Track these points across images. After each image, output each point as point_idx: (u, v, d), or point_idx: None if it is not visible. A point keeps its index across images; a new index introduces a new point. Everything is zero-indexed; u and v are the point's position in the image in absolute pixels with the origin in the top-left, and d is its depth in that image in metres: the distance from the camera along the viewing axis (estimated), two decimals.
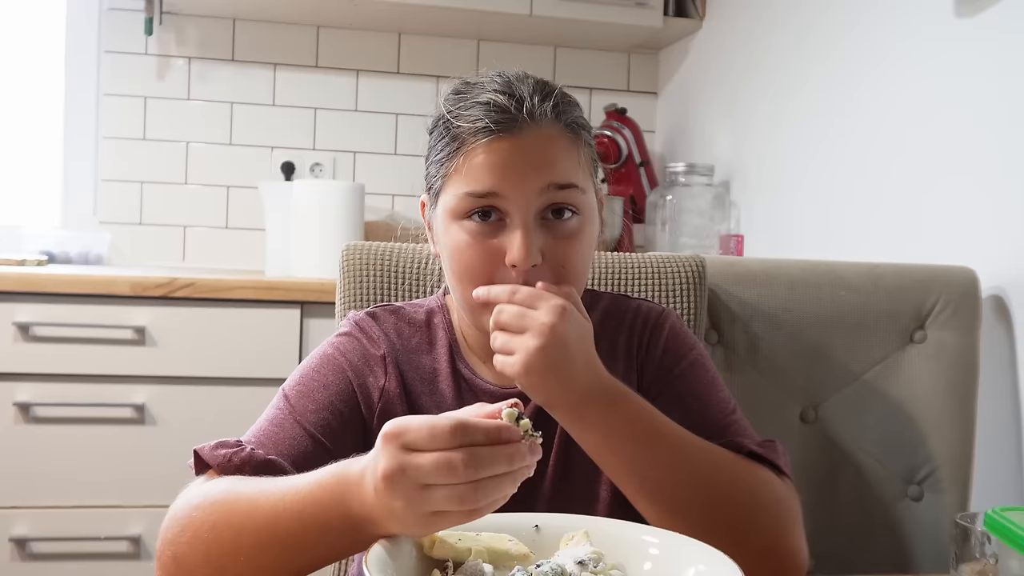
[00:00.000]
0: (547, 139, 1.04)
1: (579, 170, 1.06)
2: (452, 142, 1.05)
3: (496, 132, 1.02)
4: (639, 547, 0.89)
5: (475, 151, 1.03)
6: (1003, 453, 1.60)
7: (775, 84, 2.36)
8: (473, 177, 1.03)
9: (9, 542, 2.07)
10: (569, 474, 1.13)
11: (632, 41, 2.99)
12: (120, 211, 2.80)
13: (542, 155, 1.03)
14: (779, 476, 1.05)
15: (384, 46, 2.95)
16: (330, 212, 2.45)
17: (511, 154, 1.02)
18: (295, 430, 1.05)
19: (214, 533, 0.88)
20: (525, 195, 1.02)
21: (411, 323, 1.18)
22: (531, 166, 1.02)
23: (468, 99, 1.05)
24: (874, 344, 1.57)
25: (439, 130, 1.08)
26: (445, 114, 1.06)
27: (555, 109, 1.05)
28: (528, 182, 1.02)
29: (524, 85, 1.05)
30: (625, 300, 1.23)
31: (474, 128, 1.03)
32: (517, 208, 1.02)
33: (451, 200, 1.05)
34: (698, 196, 2.54)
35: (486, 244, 1.04)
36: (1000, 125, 1.60)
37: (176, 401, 2.15)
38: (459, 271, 1.06)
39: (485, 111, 1.03)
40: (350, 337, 1.15)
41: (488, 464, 0.75)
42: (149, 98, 2.82)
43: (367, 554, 0.79)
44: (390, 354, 1.14)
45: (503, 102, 1.03)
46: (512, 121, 1.02)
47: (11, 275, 2.08)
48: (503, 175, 1.02)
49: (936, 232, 1.75)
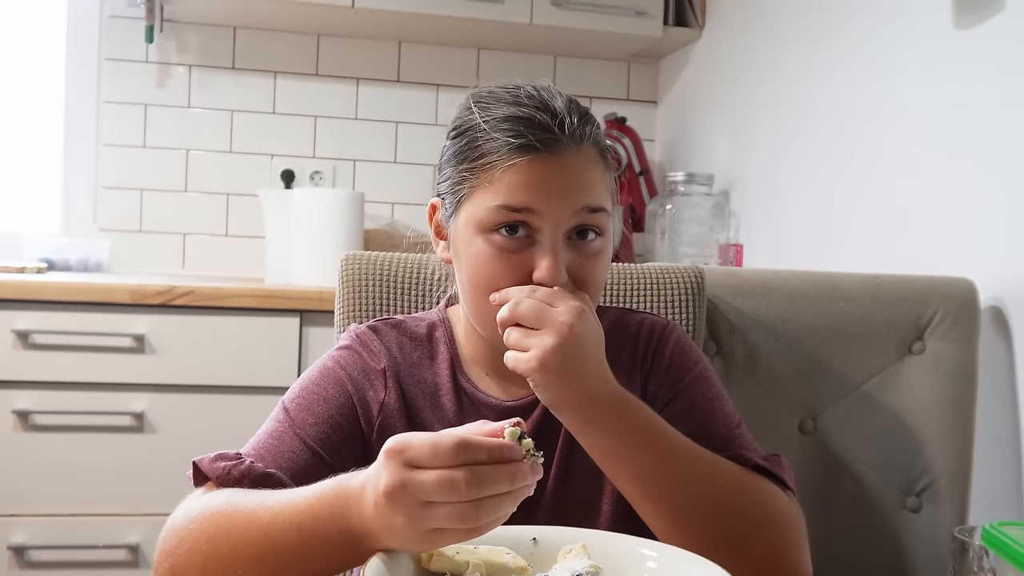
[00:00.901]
0: (585, 161, 1.05)
1: (607, 193, 1.07)
2: (486, 154, 1.04)
3: (539, 150, 1.02)
4: (637, 560, 0.89)
5: (514, 167, 1.02)
6: (1002, 465, 1.60)
7: (775, 94, 2.36)
8: (510, 192, 1.02)
9: (7, 550, 2.07)
10: (569, 487, 1.12)
11: (632, 50, 3.00)
12: (120, 218, 2.81)
13: (580, 177, 1.04)
14: (784, 491, 1.06)
15: (384, 55, 2.96)
16: (330, 220, 2.45)
17: (552, 173, 1.02)
18: (294, 443, 1.05)
19: (212, 546, 0.88)
20: (559, 215, 1.02)
21: (412, 337, 1.18)
22: (569, 188, 1.03)
23: (498, 111, 1.05)
24: (873, 355, 1.57)
25: (468, 137, 1.07)
26: (481, 123, 1.05)
27: (593, 133, 1.06)
28: (564, 202, 1.02)
29: (557, 102, 1.06)
30: (630, 314, 1.23)
31: (514, 144, 1.02)
32: (549, 227, 1.02)
33: (480, 211, 1.04)
34: (697, 205, 2.55)
35: (512, 259, 1.03)
36: (999, 136, 1.60)
37: (175, 409, 2.15)
38: (479, 283, 1.05)
39: (527, 126, 1.02)
40: (350, 351, 1.15)
41: (490, 483, 0.75)
42: (149, 106, 2.82)
43: (364, 568, 0.79)
44: (390, 368, 1.14)
45: (545, 120, 1.03)
46: (556, 142, 1.02)
47: (10, 282, 2.08)
48: (541, 193, 1.02)
49: (935, 243, 1.75)
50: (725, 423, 1.12)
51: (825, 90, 2.14)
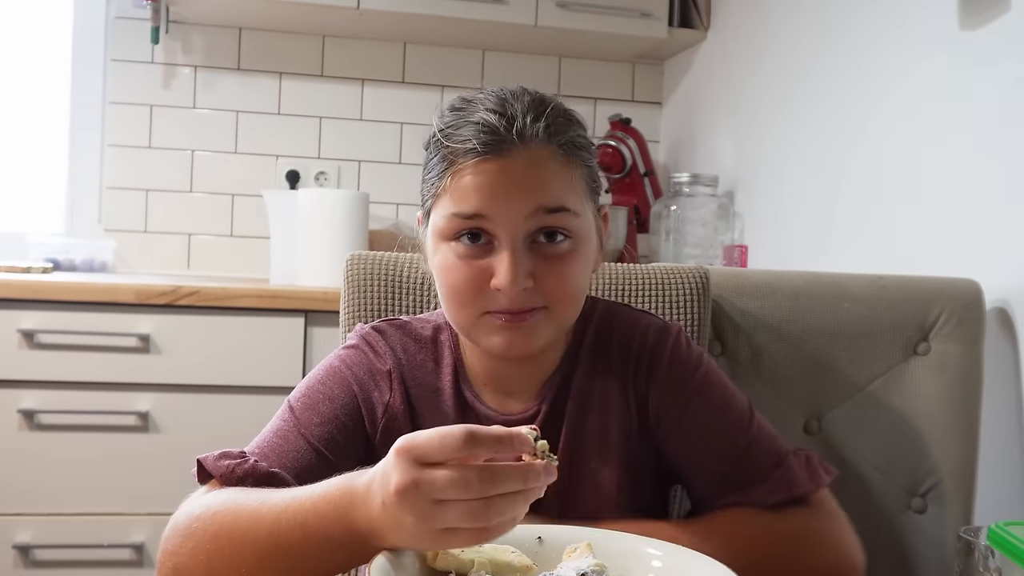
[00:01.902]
0: (536, 160, 1.02)
1: (571, 192, 1.04)
2: (442, 161, 1.04)
3: (483, 153, 1.00)
4: (642, 559, 0.89)
5: (463, 171, 1.01)
6: (1007, 466, 1.60)
7: (779, 95, 2.36)
8: (460, 198, 1.02)
9: (12, 549, 2.08)
10: (569, 501, 1.10)
11: (636, 51, 3.00)
12: (125, 219, 2.81)
13: (530, 177, 1.01)
14: (809, 495, 1.07)
15: (389, 56, 2.96)
16: (335, 221, 2.45)
17: (498, 176, 1.00)
18: (299, 443, 1.05)
19: (216, 544, 0.88)
20: (512, 218, 1.01)
21: (417, 340, 1.17)
22: (518, 188, 1.01)
23: (462, 117, 1.03)
24: (878, 356, 1.57)
25: (432, 148, 1.07)
26: (437, 132, 1.05)
27: (548, 129, 1.02)
28: (515, 205, 1.01)
29: (519, 103, 1.03)
30: (624, 310, 1.20)
31: (463, 148, 1.01)
32: (505, 231, 1.01)
33: (439, 220, 1.05)
34: (702, 206, 2.55)
35: (473, 266, 1.03)
36: (1004, 137, 1.60)
37: (180, 409, 2.15)
38: (447, 292, 1.06)
39: (475, 131, 1.01)
40: (357, 350, 1.15)
41: (502, 480, 0.74)
42: (155, 106, 2.83)
43: (370, 566, 0.79)
44: (396, 370, 1.13)
45: (493, 122, 1.01)
46: (500, 142, 1.00)
47: (16, 282, 2.08)
48: (490, 197, 1.00)
49: (940, 244, 1.75)
50: (735, 435, 1.10)
51: (829, 91, 2.14)
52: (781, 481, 1.06)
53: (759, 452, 1.09)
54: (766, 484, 1.07)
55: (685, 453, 1.13)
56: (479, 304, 1.03)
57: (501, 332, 1.04)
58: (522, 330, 1.04)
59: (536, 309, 1.03)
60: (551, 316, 1.05)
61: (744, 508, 1.06)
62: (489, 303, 1.03)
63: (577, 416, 1.13)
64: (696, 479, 1.13)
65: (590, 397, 1.14)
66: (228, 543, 0.87)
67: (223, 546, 0.88)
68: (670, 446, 1.13)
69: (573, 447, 1.12)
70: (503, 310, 1.03)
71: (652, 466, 1.16)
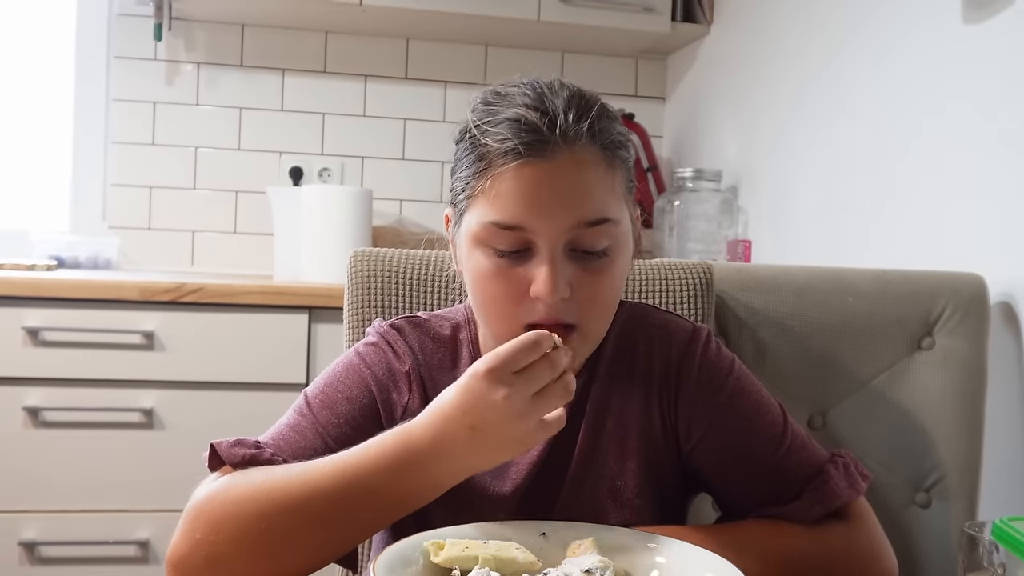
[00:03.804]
0: (580, 165, 0.97)
1: (613, 199, 1.00)
2: (479, 160, 0.98)
3: (525, 156, 0.95)
4: (646, 556, 0.89)
5: (502, 176, 0.96)
6: (1012, 460, 1.60)
7: (783, 89, 2.36)
8: (500, 206, 0.97)
9: (18, 546, 2.08)
10: (587, 489, 1.09)
11: (640, 46, 2.99)
12: (129, 216, 2.82)
13: (573, 185, 0.96)
14: (849, 505, 1.04)
15: (392, 51, 2.96)
16: (338, 217, 2.45)
17: (540, 184, 0.95)
18: (316, 441, 1.03)
19: (265, 522, 0.89)
20: (554, 230, 0.96)
21: (435, 338, 1.13)
22: (562, 200, 0.96)
23: (498, 112, 0.98)
24: (882, 351, 1.57)
25: (465, 143, 1.02)
26: (472, 127, 0.99)
27: (591, 129, 0.97)
28: (557, 217, 0.96)
29: (558, 99, 0.98)
30: (650, 312, 1.15)
31: (502, 149, 0.96)
32: (544, 242, 0.96)
33: (475, 226, 0.99)
34: (706, 201, 2.54)
35: (510, 274, 0.98)
36: (1009, 131, 1.60)
37: (185, 406, 2.15)
38: (486, 303, 1.02)
39: (514, 130, 0.95)
40: (377, 348, 1.11)
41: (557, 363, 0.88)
42: (158, 103, 2.83)
43: (374, 562, 0.79)
44: (414, 371, 1.10)
45: (534, 120, 0.95)
46: (543, 143, 0.95)
47: (20, 280, 2.09)
48: (531, 208, 0.96)
49: (944, 238, 1.75)
50: (769, 446, 1.06)
51: (833, 86, 2.13)
52: (820, 493, 1.02)
53: (795, 462, 1.06)
54: (804, 497, 1.03)
55: (716, 463, 1.09)
56: (517, 317, 0.99)
57: None
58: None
59: (569, 327, 0.99)
60: (583, 335, 1.01)
61: (781, 522, 1.02)
62: (525, 313, 0.99)
63: (595, 419, 1.10)
64: (728, 490, 1.10)
65: (610, 400, 1.10)
66: (281, 518, 0.89)
67: (275, 523, 0.89)
68: (700, 455, 1.09)
69: (591, 450, 1.09)
70: (541, 320, 0.98)
71: (678, 473, 1.12)
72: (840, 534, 1.02)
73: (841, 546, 1.02)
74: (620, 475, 1.09)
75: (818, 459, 1.07)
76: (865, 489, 1.06)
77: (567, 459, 1.09)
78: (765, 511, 1.04)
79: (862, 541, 1.03)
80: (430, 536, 0.86)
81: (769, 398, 1.11)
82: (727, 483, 1.09)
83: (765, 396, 1.11)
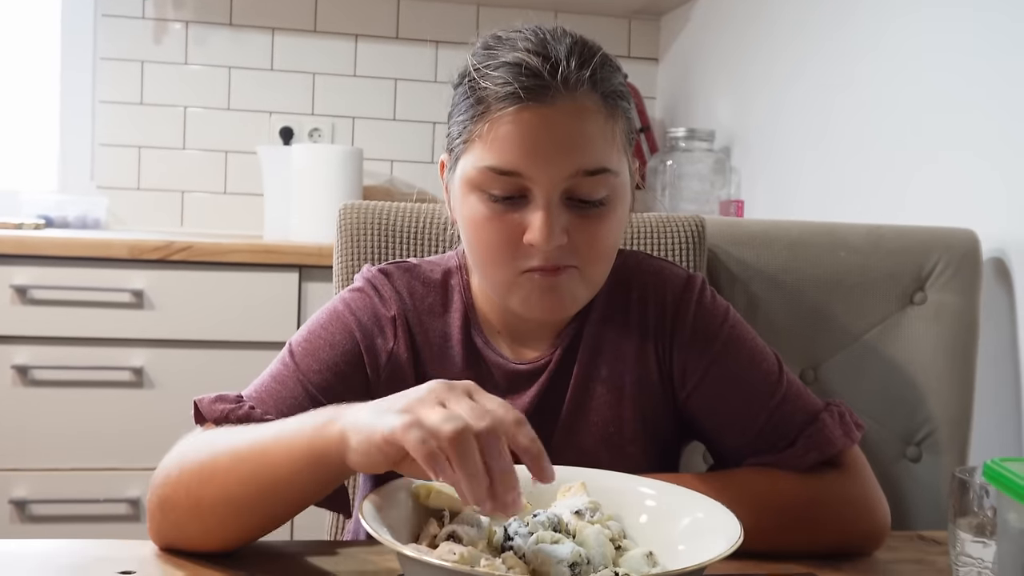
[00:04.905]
0: (580, 113, 0.95)
1: (613, 149, 0.98)
2: (477, 104, 0.97)
3: (524, 100, 0.93)
4: (636, 498, 0.89)
5: (500, 120, 0.94)
6: (1002, 415, 1.60)
7: (776, 49, 2.34)
8: (497, 150, 0.95)
9: (9, 504, 2.08)
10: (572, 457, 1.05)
11: (633, 7, 2.97)
12: (118, 176, 2.79)
13: (573, 133, 0.95)
14: (843, 454, 1.03)
15: (383, 11, 2.93)
16: (328, 177, 2.44)
17: (539, 129, 0.94)
18: (296, 389, 1.02)
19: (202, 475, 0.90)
20: (551, 177, 0.95)
21: (425, 282, 1.11)
22: (560, 146, 0.95)
23: (498, 56, 0.96)
24: (874, 305, 1.56)
25: (464, 87, 0.99)
26: (471, 70, 0.98)
27: (592, 77, 0.96)
28: (555, 164, 0.95)
29: (561, 45, 0.96)
30: (644, 260, 1.14)
31: (501, 92, 0.94)
32: (541, 189, 0.95)
33: (471, 170, 0.98)
34: (698, 161, 2.53)
35: (506, 219, 0.97)
36: (1001, 87, 1.59)
37: (174, 364, 2.15)
38: (480, 249, 1.01)
39: (514, 74, 0.94)
40: (362, 294, 1.09)
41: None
42: (146, 62, 2.80)
43: (361, 504, 0.79)
44: (400, 315, 1.08)
45: (535, 64, 0.94)
46: (544, 89, 0.94)
47: (9, 238, 2.07)
48: (529, 154, 0.94)
49: (937, 194, 1.74)
50: (764, 393, 1.05)
51: (825, 44, 2.11)
52: (815, 440, 1.02)
53: (790, 411, 1.05)
54: (798, 444, 1.02)
55: (711, 411, 1.08)
56: (514, 263, 0.98)
57: (537, 294, 1.00)
58: (557, 292, 1.00)
59: (569, 267, 0.99)
60: (583, 277, 1.01)
61: (775, 470, 1.02)
62: (522, 260, 0.98)
63: (589, 364, 1.09)
64: (723, 438, 1.09)
65: (603, 346, 1.10)
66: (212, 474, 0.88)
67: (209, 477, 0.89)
68: (695, 403, 1.09)
69: (582, 395, 1.09)
70: (536, 267, 0.98)
71: (673, 421, 1.11)
72: (834, 482, 1.02)
73: (835, 493, 1.01)
74: (614, 421, 1.08)
75: (813, 407, 1.06)
76: (859, 438, 1.05)
77: (559, 404, 1.08)
78: (760, 459, 1.04)
79: (855, 490, 1.03)
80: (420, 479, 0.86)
81: (764, 346, 1.10)
82: (722, 431, 1.09)
83: (760, 344, 1.10)
